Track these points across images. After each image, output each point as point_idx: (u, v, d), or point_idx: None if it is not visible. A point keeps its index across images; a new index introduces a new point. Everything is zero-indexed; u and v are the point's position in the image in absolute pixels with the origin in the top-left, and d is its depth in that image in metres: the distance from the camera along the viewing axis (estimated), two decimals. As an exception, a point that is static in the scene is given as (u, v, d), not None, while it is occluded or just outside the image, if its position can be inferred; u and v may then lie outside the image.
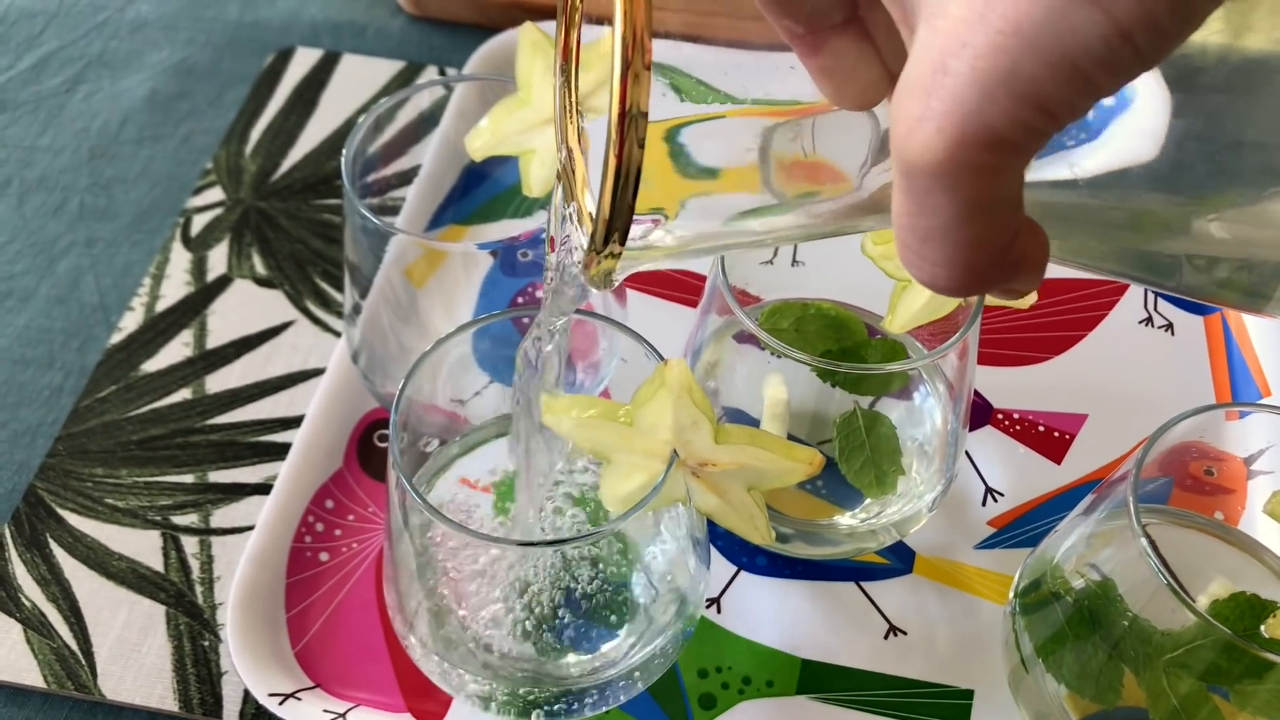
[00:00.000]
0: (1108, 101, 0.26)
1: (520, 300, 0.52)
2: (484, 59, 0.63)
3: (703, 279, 0.57)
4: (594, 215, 0.26)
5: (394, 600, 0.40)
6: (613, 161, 0.25)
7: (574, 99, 0.30)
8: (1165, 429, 0.37)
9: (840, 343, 0.47)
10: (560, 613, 0.40)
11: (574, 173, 0.30)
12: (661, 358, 0.37)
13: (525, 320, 0.47)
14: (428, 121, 0.50)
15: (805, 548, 0.45)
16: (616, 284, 0.29)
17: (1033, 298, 0.43)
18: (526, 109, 0.43)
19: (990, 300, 0.42)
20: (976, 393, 0.52)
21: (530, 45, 0.42)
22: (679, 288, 0.57)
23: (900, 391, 0.46)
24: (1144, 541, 0.34)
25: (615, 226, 0.26)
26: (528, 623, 0.40)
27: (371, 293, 0.47)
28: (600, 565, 0.41)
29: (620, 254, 0.26)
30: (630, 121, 0.24)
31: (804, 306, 0.48)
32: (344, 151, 0.44)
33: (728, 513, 0.35)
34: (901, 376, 0.44)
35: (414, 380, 0.39)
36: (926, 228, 0.23)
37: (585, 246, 0.27)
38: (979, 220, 0.23)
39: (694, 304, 0.56)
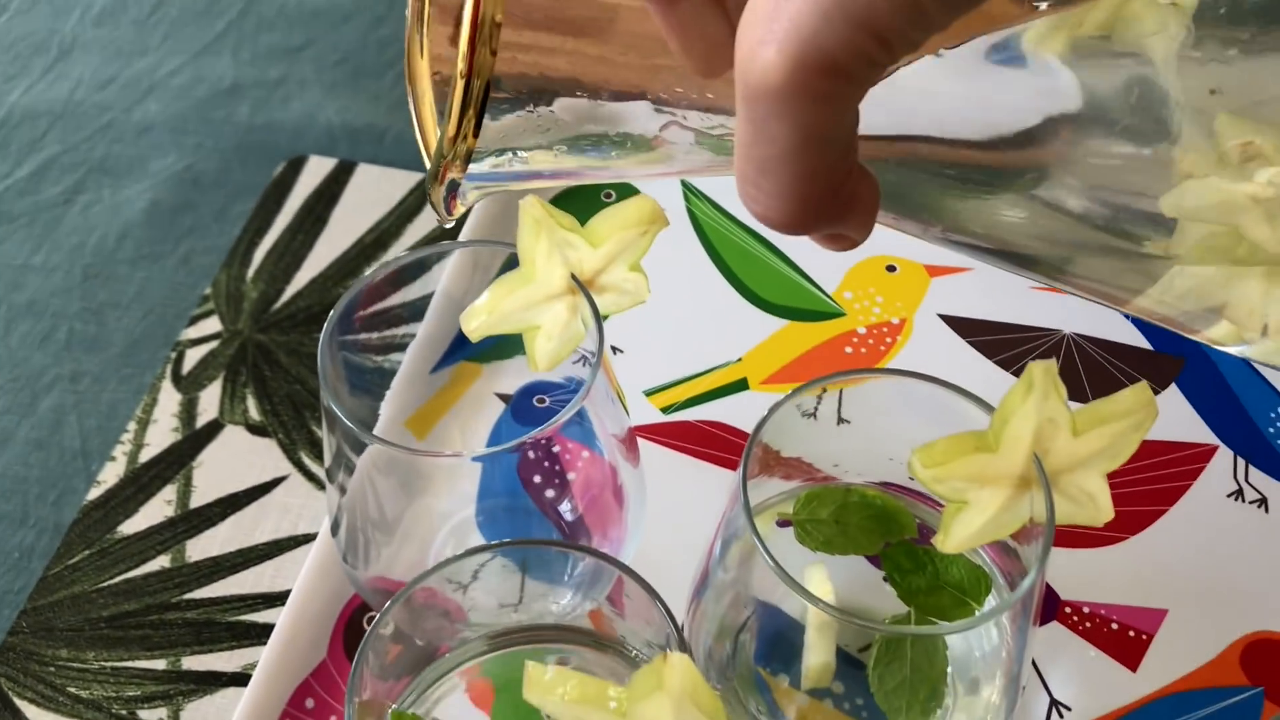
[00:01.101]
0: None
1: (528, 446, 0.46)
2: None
3: (732, 430, 0.52)
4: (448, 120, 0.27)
5: None
6: (462, 68, 0.26)
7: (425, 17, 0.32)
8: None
9: (888, 536, 0.42)
10: None
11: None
12: (664, 609, 0.32)
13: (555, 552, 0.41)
14: (425, 268, 0.46)
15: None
16: (453, 213, 0.31)
17: (1108, 516, 0.37)
18: (529, 286, 0.38)
19: (1062, 519, 0.36)
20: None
21: (533, 221, 0.37)
22: (706, 442, 0.51)
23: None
24: None
25: (461, 133, 0.27)
26: None
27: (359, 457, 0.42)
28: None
29: (466, 165, 0.28)
30: (483, 29, 0.26)
31: (845, 492, 0.42)
32: (324, 328, 0.39)
33: (742, 804, 0.30)
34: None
35: (398, 605, 0.34)
36: (764, 157, 0.25)
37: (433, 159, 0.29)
38: (814, 151, 0.25)
39: (721, 460, 0.51)
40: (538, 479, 0.45)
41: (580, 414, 0.43)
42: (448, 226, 0.32)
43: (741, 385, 0.53)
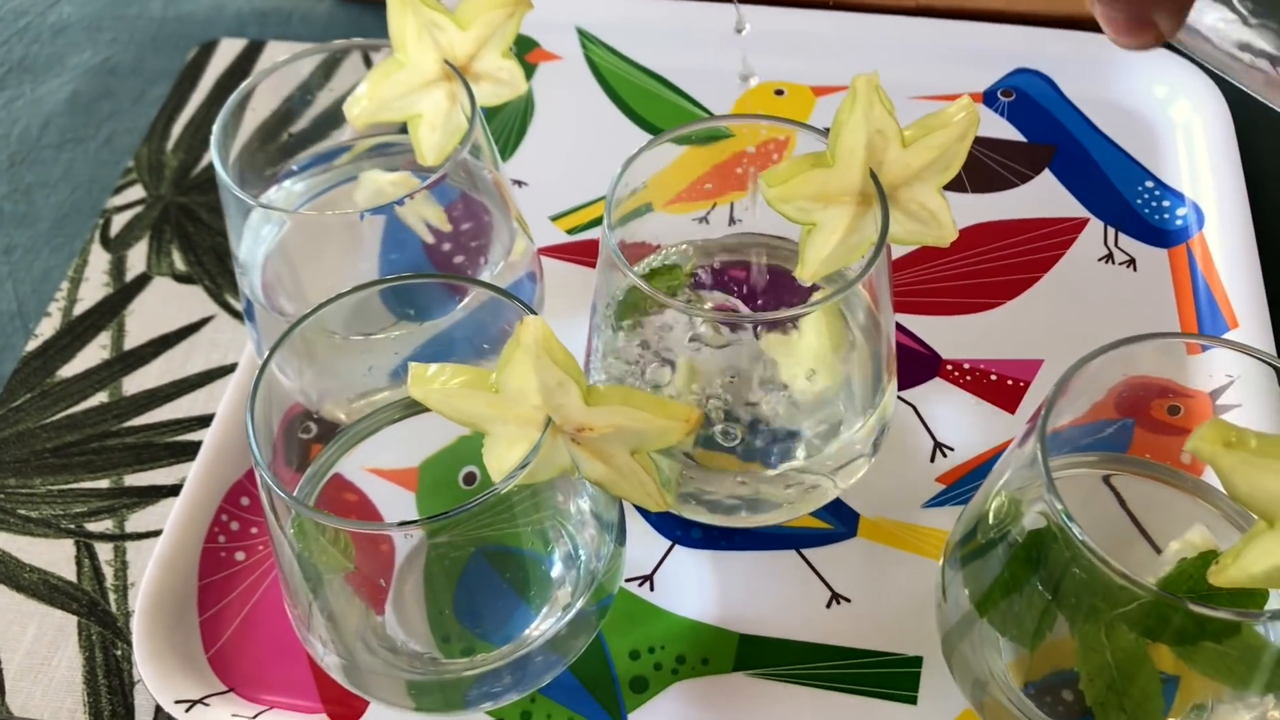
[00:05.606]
0: None
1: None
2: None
3: (636, 245, 0.55)
4: None
5: (289, 599, 0.38)
6: None
7: None
8: (1082, 363, 0.35)
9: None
10: (462, 598, 0.38)
11: None
12: (527, 308, 0.35)
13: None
14: (315, 88, 0.48)
15: (744, 518, 0.43)
16: None
17: (953, 235, 0.40)
18: (404, 71, 0.41)
19: (910, 238, 0.39)
20: (924, 344, 0.50)
21: (400, 3, 0.40)
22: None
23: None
24: (1055, 503, 0.31)
25: None
26: (427, 609, 0.37)
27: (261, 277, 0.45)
28: (504, 544, 0.39)
29: None
30: None
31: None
32: (214, 129, 0.42)
33: (617, 480, 0.33)
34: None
35: (280, 353, 0.37)
36: None
37: None
38: None
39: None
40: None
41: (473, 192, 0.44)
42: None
43: (647, 209, 0.56)
